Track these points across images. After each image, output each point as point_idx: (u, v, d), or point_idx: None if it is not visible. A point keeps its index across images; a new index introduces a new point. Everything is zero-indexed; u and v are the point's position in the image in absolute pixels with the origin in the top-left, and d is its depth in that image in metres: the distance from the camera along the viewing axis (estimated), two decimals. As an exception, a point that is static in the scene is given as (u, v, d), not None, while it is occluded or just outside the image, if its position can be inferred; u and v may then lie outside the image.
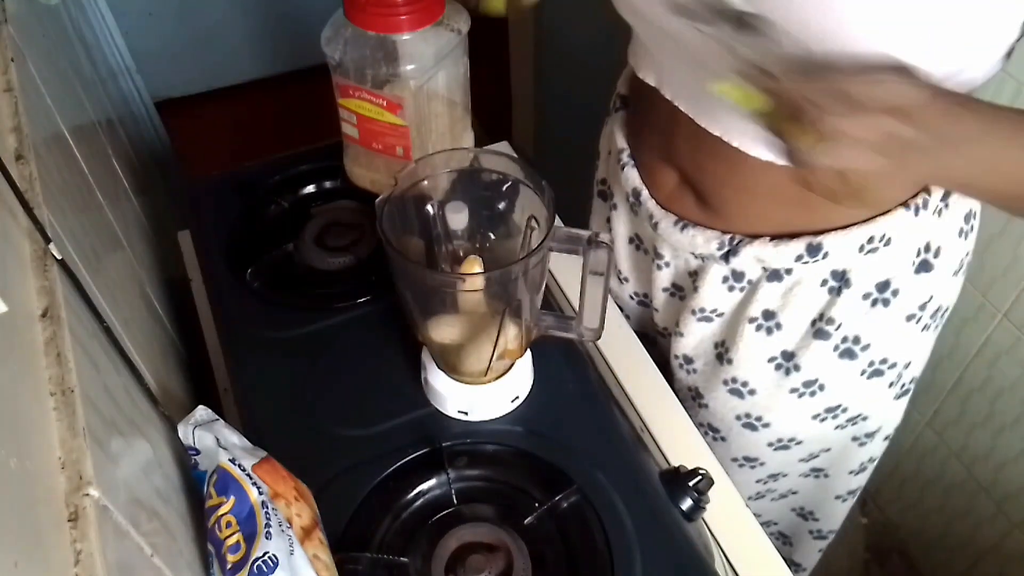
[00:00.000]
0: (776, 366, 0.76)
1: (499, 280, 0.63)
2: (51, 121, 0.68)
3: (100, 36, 1.40)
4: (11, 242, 0.47)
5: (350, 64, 0.75)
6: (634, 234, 0.85)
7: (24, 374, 0.41)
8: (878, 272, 0.68)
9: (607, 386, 0.77)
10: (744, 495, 0.90)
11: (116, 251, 0.75)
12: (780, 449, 0.83)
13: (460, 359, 0.69)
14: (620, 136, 0.79)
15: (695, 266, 0.75)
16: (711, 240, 0.71)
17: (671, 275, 0.80)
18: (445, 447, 0.68)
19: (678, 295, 0.82)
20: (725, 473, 0.76)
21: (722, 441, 0.86)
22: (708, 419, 0.85)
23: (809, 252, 0.66)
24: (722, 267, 0.72)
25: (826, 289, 0.69)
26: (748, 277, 0.72)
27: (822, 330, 0.71)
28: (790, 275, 0.69)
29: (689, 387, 0.86)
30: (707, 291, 0.74)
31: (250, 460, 0.56)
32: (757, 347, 0.75)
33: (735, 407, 0.81)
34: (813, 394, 0.76)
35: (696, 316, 0.78)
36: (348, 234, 0.89)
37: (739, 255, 0.70)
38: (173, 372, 0.78)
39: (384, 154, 0.81)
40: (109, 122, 1.05)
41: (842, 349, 0.73)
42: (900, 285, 0.69)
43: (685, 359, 0.83)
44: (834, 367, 0.74)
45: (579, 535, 0.64)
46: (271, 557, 0.50)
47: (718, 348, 0.79)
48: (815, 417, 0.79)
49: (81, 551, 0.36)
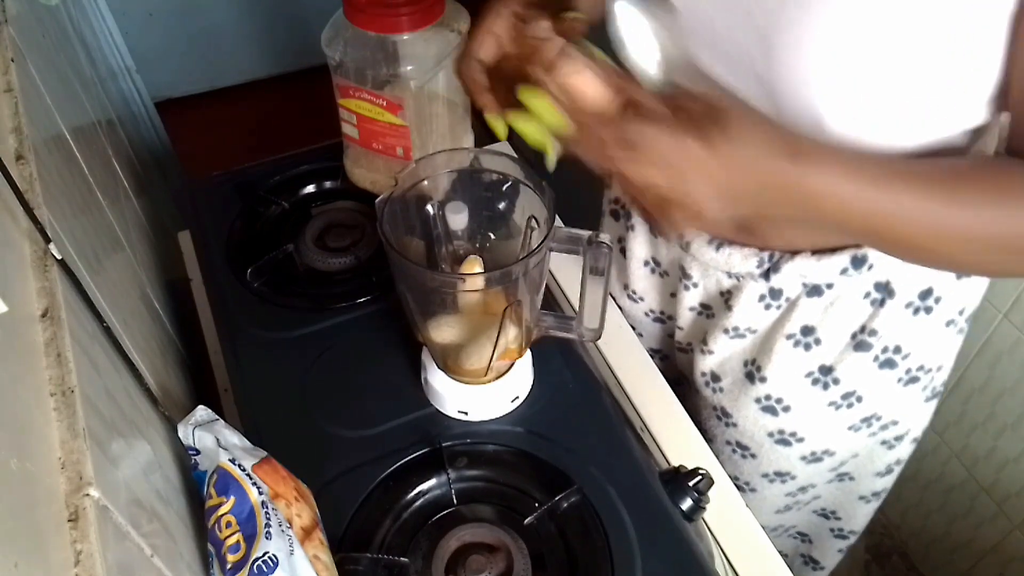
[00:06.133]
0: (813, 381, 0.74)
1: (499, 280, 0.63)
2: (51, 121, 0.68)
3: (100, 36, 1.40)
4: (11, 242, 0.47)
5: (350, 64, 0.75)
6: (650, 257, 0.83)
7: (24, 375, 0.41)
8: (921, 280, 0.66)
9: (607, 386, 0.77)
10: (772, 508, 0.89)
11: (116, 251, 0.75)
12: (813, 462, 0.81)
13: (460, 359, 0.69)
14: None
15: (728, 285, 0.74)
16: (750, 258, 0.69)
17: (699, 295, 0.78)
18: (445, 447, 0.68)
19: (705, 313, 0.80)
20: (725, 473, 0.76)
21: (752, 458, 0.84)
22: (737, 437, 0.83)
23: (854, 264, 0.65)
24: (759, 285, 0.70)
25: (868, 301, 0.68)
26: (787, 295, 0.70)
27: (863, 342, 0.70)
28: (831, 289, 0.67)
29: (715, 406, 0.83)
30: (742, 310, 0.73)
31: (250, 460, 0.56)
32: (793, 363, 0.73)
33: (767, 424, 0.79)
34: (851, 406, 0.74)
35: (728, 334, 0.76)
36: (348, 234, 0.89)
37: (780, 271, 0.68)
38: (173, 372, 0.78)
39: (384, 154, 0.81)
40: (109, 122, 1.05)
41: (883, 359, 0.71)
42: (942, 292, 0.67)
43: (712, 376, 0.81)
44: (873, 377, 0.72)
45: (579, 535, 0.64)
46: (271, 557, 0.50)
47: (748, 366, 0.77)
48: (850, 428, 0.77)
49: (81, 552, 0.36)
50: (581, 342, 0.77)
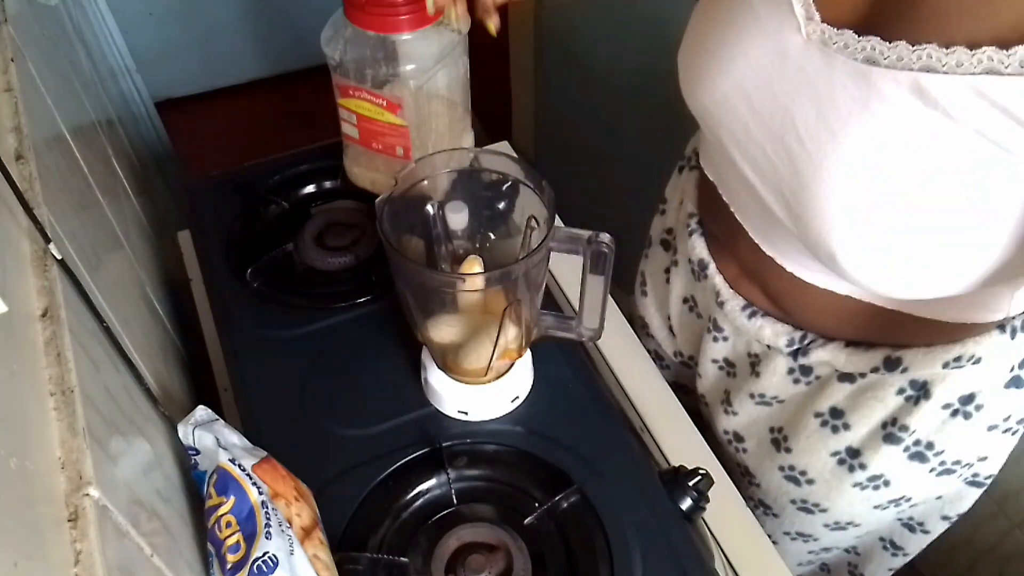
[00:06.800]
0: (839, 461, 0.71)
1: (499, 280, 0.63)
2: (51, 121, 0.68)
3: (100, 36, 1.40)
4: (11, 242, 0.47)
5: (350, 64, 0.75)
6: (690, 295, 0.81)
7: (24, 374, 0.41)
8: (963, 386, 0.62)
9: (607, 386, 0.77)
10: (794, 561, 0.85)
11: (116, 251, 0.75)
12: (837, 530, 0.78)
13: (460, 359, 0.69)
14: (691, 200, 0.76)
15: (758, 350, 0.71)
16: (780, 335, 0.67)
17: (727, 349, 0.76)
18: (445, 447, 0.68)
19: (728, 371, 0.78)
20: (725, 473, 0.76)
21: (774, 517, 0.81)
22: (760, 496, 0.81)
23: (887, 365, 0.62)
24: (789, 360, 0.68)
25: (902, 397, 0.64)
26: (816, 373, 0.68)
27: (893, 435, 0.66)
28: (864, 379, 0.65)
29: (739, 463, 0.81)
30: (769, 379, 0.71)
31: (250, 460, 0.56)
32: (821, 441, 0.70)
33: (790, 491, 0.76)
34: (877, 488, 0.71)
35: (753, 400, 0.74)
36: (348, 234, 0.89)
37: (809, 356, 0.66)
38: (173, 372, 0.78)
39: (384, 154, 0.81)
40: (109, 122, 1.05)
41: (913, 452, 0.67)
42: (986, 400, 0.63)
43: (736, 436, 0.79)
44: (903, 467, 0.68)
45: (579, 535, 0.64)
46: (271, 557, 0.50)
47: (774, 433, 0.75)
48: (876, 507, 0.73)
49: (81, 551, 0.36)
50: (581, 342, 0.77)
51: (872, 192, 0.49)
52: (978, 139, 0.44)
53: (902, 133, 0.47)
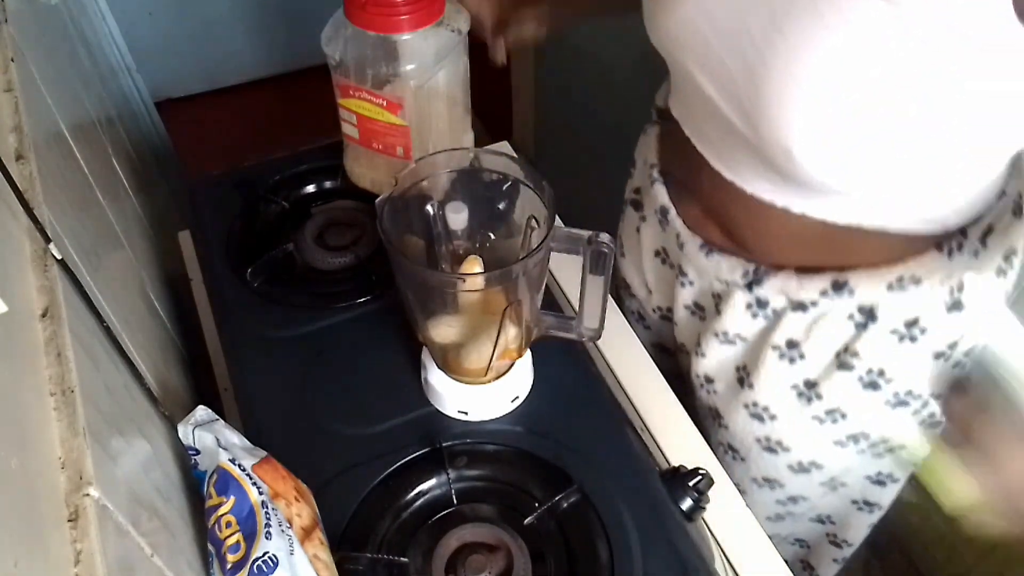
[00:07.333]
0: (798, 394, 0.74)
1: (499, 280, 0.63)
2: (51, 120, 0.68)
3: (100, 35, 1.40)
4: (11, 241, 0.47)
5: (350, 64, 0.75)
6: (661, 247, 0.84)
7: (24, 373, 0.41)
8: (907, 310, 0.66)
9: (607, 386, 0.77)
10: (763, 514, 0.88)
11: (116, 250, 0.75)
12: (801, 472, 0.81)
13: (460, 359, 0.69)
14: (653, 151, 0.79)
15: (719, 289, 0.75)
16: (735, 268, 0.71)
17: (694, 293, 0.79)
18: (445, 447, 0.68)
19: (698, 315, 0.81)
20: (725, 473, 0.76)
21: (742, 461, 0.84)
22: (728, 439, 0.84)
23: (834, 288, 0.65)
24: (746, 294, 0.72)
25: (852, 323, 0.68)
26: (772, 306, 0.71)
27: (846, 362, 0.70)
28: (815, 307, 0.68)
29: (710, 407, 0.85)
30: (730, 316, 0.74)
31: (250, 460, 0.56)
32: (779, 374, 0.74)
33: (755, 430, 0.80)
34: (835, 421, 0.75)
35: (719, 339, 0.77)
36: (348, 234, 0.89)
37: (763, 285, 0.69)
38: (173, 371, 0.78)
39: (384, 154, 0.81)
40: (109, 121, 1.05)
41: (866, 381, 0.71)
42: (929, 324, 0.66)
43: (706, 379, 0.82)
44: (858, 397, 0.72)
45: (579, 535, 0.64)
46: (271, 557, 0.50)
47: (739, 372, 0.78)
48: (836, 443, 0.77)
49: (81, 550, 0.36)
50: (581, 342, 0.77)
51: (822, 88, 0.51)
52: (925, 38, 0.47)
53: (853, 32, 0.49)
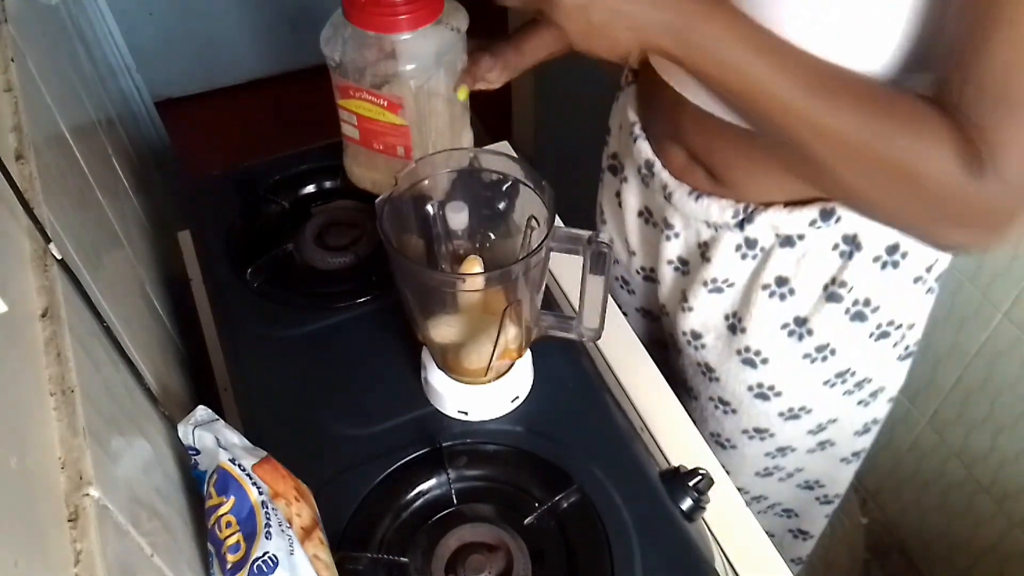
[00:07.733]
0: (789, 332, 0.77)
1: (499, 280, 0.63)
2: (51, 120, 0.68)
3: (100, 35, 1.40)
4: (11, 241, 0.47)
5: (350, 64, 0.75)
6: (644, 207, 0.86)
7: (24, 373, 0.41)
8: (887, 235, 0.70)
9: (607, 386, 0.77)
10: (752, 469, 0.92)
11: (116, 250, 0.75)
12: (790, 419, 0.84)
13: (460, 359, 0.69)
14: (631, 110, 0.81)
15: (706, 237, 0.76)
16: (726, 209, 0.72)
17: (680, 246, 0.81)
18: (445, 447, 0.68)
19: (683, 270, 0.83)
20: (725, 474, 0.76)
21: (732, 413, 0.87)
22: (719, 392, 0.86)
23: (822, 216, 0.68)
24: (735, 235, 0.73)
25: (837, 253, 0.71)
26: (761, 244, 0.73)
27: (835, 293, 0.73)
28: (803, 241, 0.70)
29: (699, 362, 0.87)
30: (720, 261, 0.76)
31: (250, 460, 0.56)
32: (771, 314, 0.76)
33: (747, 378, 0.82)
34: (824, 359, 0.78)
35: (707, 288, 0.78)
36: (348, 233, 0.89)
37: (754, 222, 0.71)
38: (173, 371, 0.78)
39: (384, 154, 0.81)
40: (109, 121, 1.05)
41: (853, 312, 0.74)
42: (908, 247, 0.71)
43: (693, 335, 0.84)
44: (845, 330, 0.76)
45: (579, 534, 0.64)
46: (271, 557, 0.50)
47: (730, 319, 0.81)
48: (825, 383, 0.80)
49: (81, 550, 0.36)
50: (581, 342, 0.77)
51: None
52: None
53: None
